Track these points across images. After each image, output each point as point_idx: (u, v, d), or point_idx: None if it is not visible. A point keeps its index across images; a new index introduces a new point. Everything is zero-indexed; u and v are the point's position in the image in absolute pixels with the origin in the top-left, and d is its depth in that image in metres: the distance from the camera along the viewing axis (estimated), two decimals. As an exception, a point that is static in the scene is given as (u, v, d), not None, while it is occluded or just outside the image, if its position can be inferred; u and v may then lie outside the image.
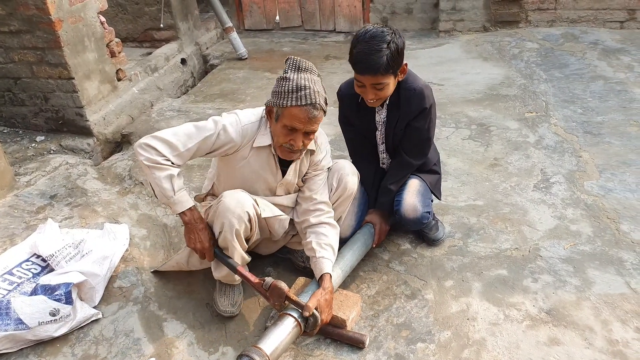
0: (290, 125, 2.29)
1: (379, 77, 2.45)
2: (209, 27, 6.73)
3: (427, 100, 2.65)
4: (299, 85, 2.24)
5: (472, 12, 6.24)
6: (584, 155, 3.71)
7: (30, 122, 4.39)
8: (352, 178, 2.67)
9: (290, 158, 2.44)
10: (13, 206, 3.35)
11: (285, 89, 2.26)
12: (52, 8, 3.80)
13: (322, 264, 2.44)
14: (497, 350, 2.31)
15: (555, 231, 3.01)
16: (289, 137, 2.32)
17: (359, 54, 2.44)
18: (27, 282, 2.59)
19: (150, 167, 2.30)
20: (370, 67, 2.42)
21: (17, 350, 2.40)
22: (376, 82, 2.47)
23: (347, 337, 2.39)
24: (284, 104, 2.26)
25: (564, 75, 5.00)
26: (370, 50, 2.41)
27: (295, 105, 2.24)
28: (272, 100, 2.33)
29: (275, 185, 2.56)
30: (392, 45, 2.41)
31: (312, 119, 2.27)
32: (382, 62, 2.40)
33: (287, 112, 2.27)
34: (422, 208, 2.76)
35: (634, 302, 2.50)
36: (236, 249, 2.41)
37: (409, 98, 2.64)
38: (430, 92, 2.68)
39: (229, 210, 2.33)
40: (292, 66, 2.30)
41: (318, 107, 2.27)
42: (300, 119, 2.26)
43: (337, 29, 7.00)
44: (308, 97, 2.24)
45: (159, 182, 2.30)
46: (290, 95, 2.25)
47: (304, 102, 2.24)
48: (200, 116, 4.73)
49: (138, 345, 2.45)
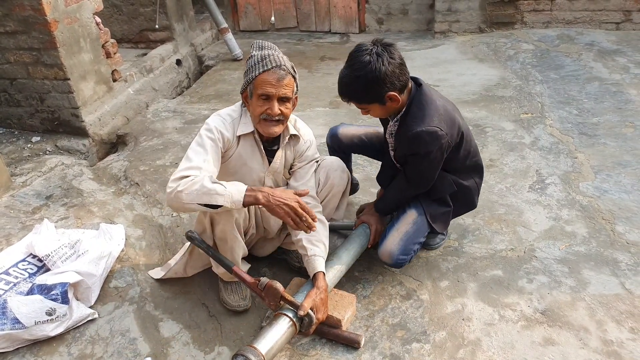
0: (263, 92, 2.33)
1: (354, 102, 2.48)
2: (204, 28, 6.73)
3: (423, 146, 2.41)
4: (262, 55, 2.36)
5: (467, 13, 6.26)
6: (580, 157, 3.72)
7: (26, 122, 4.39)
8: (341, 174, 2.66)
9: (272, 131, 2.41)
10: (9, 206, 3.35)
11: (252, 63, 2.37)
12: (47, 9, 3.80)
13: (315, 262, 2.44)
14: (492, 351, 2.32)
15: (550, 232, 3.02)
16: (265, 107, 2.35)
17: (339, 78, 2.47)
18: (23, 281, 2.59)
19: (186, 189, 2.16)
20: (343, 94, 2.48)
21: (14, 350, 2.40)
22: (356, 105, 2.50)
23: (343, 337, 2.39)
24: (253, 75, 2.35)
25: (560, 76, 5.02)
26: (343, 79, 2.44)
27: (262, 71, 2.32)
28: (244, 81, 2.42)
29: (263, 174, 2.56)
30: (369, 74, 2.32)
31: (281, 79, 2.32)
32: (352, 93, 2.44)
33: (257, 82, 2.34)
34: (397, 254, 2.58)
35: (628, 303, 2.51)
36: (237, 237, 2.41)
37: (403, 135, 2.50)
38: (433, 137, 2.38)
39: None
40: (256, 47, 2.45)
41: (284, 69, 2.34)
42: (270, 83, 2.32)
43: (332, 30, 7.02)
44: (273, 60, 2.33)
45: (202, 190, 2.15)
46: (256, 66, 2.35)
47: (269, 66, 2.32)
48: (196, 117, 4.73)
49: (134, 345, 2.45)
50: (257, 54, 2.38)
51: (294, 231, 2.56)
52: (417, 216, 2.67)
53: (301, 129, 2.61)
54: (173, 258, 2.87)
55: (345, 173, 2.69)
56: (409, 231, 2.64)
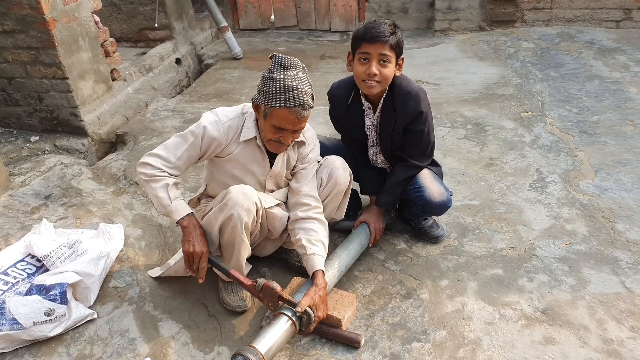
0: (280, 126, 2.29)
1: (387, 47, 2.47)
2: (203, 26, 6.72)
3: (423, 104, 2.64)
4: (286, 87, 2.21)
5: (467, 11, 6.25)
6: (580, 155, 3.71)
7: (24, 122, 4.38)
8: (343, 173, 2.65)
9: (279, 151, 2.46)
10: (7, 206, 3.34)
11: (273, 90, 2.22)
12: (46, 7, 3.79)
13: (314, 260, 2.43)
14: (492, 350, 2.32)
15: (550, 231, 3.02)
16: (277, 135, 2.33)
17: (369, 26, 2.50)
18: (21, 282, 2.59)
19: (148, 180, 2.40)
20: (380, 34, 2.46)
21: (12, 350, 2.39)
22: (383, 53, 2.48)
23: (343, 337, 2.39)
24: (272, 104, 2.23)
25: (560, 74, 5.01)
26: (380, 24, 2.49)
27: (284, 107, 2.23)
28: (260, 98, 2.30)
29: (264, 178, 2.56)
30: (397, 30, 2.50)
31: (302, 119, 2.28)
32: (391, 33, 2.47)
33: (275, 112, 2.26)
34: (446, 191, 2.80)
35: (628, 301, 2.51)
36: (244, 241, 2.40)
37: (404, 101, 2.63)
38: (425, 95, 2.66)
39: (238, 204, 2.31)
40: (278, 65, 2.25)
41: (307, 107, 2.26)
42: (289, 120, 2.26)
43: (332, 29, 7.00)
44: (297, 98, 2.22)
45: (155, 192, 2.39)
46: (278, 97, 2.22)
47: (292, 104, 2.22)
48: (195, 116, 4.72)
49: (133, 345, 2.44)
50: (280, 80, 2.22)
51: (293, 231, 2.56)
52: (429, 171, 2.87)
53: (306, 132, 2.58)
54: (172, 258, 2.86)
55: (347, 172, 2.68)
56: (435, 177, 2.86)
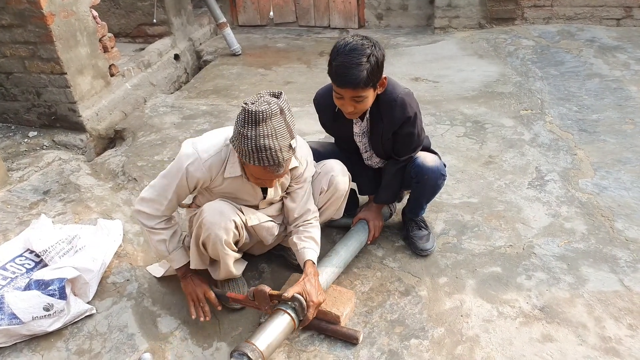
0: (258, 177, 2.23)
1: (358, 90, 2.37)
2: (202, 22, 6.70)
3: (410, 109, 2.57)
4: (258, 146, 2.05)
5: (467, 8, 6.24)
6: (579, 153, 3.71)
7: (22, 117, 4.37)
8: (343, 178, 2.63)
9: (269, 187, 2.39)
10: (6, 202, 3.34)
11: (245, 148, 2.08)
12: (43, 2, 3.77)
13: (304, 253, 2.44)
14: (491, 347, 2.32)
15: (549, 229, 3.02)
16: (260, 180, 2.27)
17: (339, 67, 2.35)
18: (20, 277, 2.58)
19: (147, 231, 2.48)
20: (350, 81, 2.34)
21: (11, 345, 2.40)
22: (356, 95, 2.40)
23: (341, 333, 2.39)
24: (246, 160, 2.12)
25: (560, 72, 5.01)
26: (350, 64, 2.32)
27: (258, 165, 2.11)
28: (234, 143, 2.15)
29: (256, 203, 2.52)
30: (372, 58, 2.33)
31: (279, 173, 2.16)
32: (362, 76, 2.32)
33: (251, 167, 2.17)
34: (440, 161, 2.77)
35: (627, 300, 2.51)
36: (228, 254, 2.42)
37: (390, 108, 2.58)
38: (411, 98, 2.59)
39: (214, 224, 2.30)
40: (249, 120, 2.05)
41: (282, 165, 2.12)
42: (266, 174, 2.17)
43: (331, 25, 6.99)
44: (270, 158, 2.07)
45: (154, 244, 2.50)
46: (251, 155, 2.08)
47: (266, 164, 2.09)
48: (194, 112, 4.71)
49: (132, 341, 2.44)
50: (252, 138, 2.05)
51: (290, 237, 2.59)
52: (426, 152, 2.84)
53: (298, 151, 2.39)
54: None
55: (347, 176, 2.68)
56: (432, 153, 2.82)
